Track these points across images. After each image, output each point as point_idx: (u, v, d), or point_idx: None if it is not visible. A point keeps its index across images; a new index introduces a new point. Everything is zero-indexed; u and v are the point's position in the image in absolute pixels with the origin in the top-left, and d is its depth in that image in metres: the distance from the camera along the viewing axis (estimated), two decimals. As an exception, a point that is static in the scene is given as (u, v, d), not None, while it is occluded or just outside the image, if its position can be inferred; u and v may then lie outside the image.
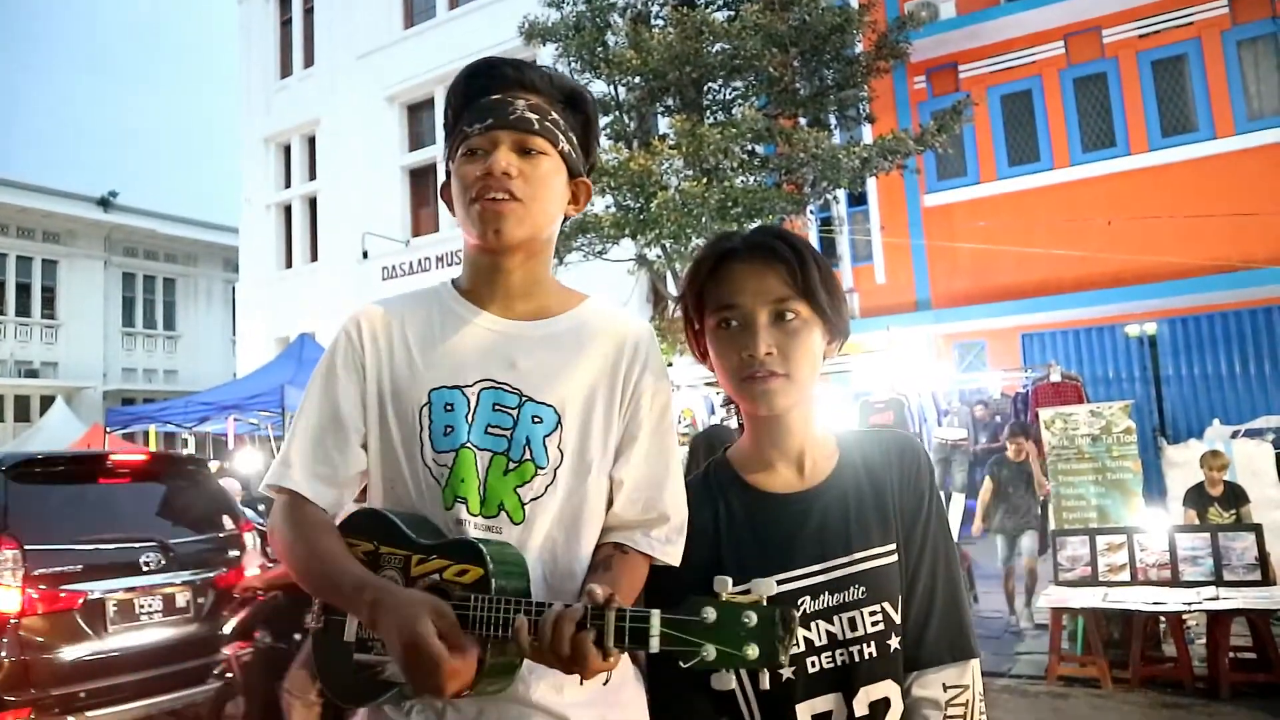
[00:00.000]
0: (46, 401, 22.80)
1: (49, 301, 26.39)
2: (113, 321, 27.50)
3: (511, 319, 1.38)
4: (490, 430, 1.31)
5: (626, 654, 1.20)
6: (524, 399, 1.32)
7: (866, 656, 1.23)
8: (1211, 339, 11.84)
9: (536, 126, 1.33)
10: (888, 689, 1.23)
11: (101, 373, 26.50)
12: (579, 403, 1.34)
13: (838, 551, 1.25)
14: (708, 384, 9.19)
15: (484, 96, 1.35)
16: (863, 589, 1.24)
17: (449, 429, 1.31)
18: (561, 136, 1.36)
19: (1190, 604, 5.59)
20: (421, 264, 17.52)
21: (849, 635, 1.23)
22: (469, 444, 1.30)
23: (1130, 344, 11.95)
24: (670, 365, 11.10)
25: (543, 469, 1.30)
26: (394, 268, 17.33)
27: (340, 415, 1.36)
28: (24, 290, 25.78)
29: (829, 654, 1.23)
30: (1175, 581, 5.93)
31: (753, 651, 0.99)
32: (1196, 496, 6.72)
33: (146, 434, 17.15)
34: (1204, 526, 6.35)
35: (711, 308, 1.29)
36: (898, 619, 1.24)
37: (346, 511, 1.37)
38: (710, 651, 1.00)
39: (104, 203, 27.31)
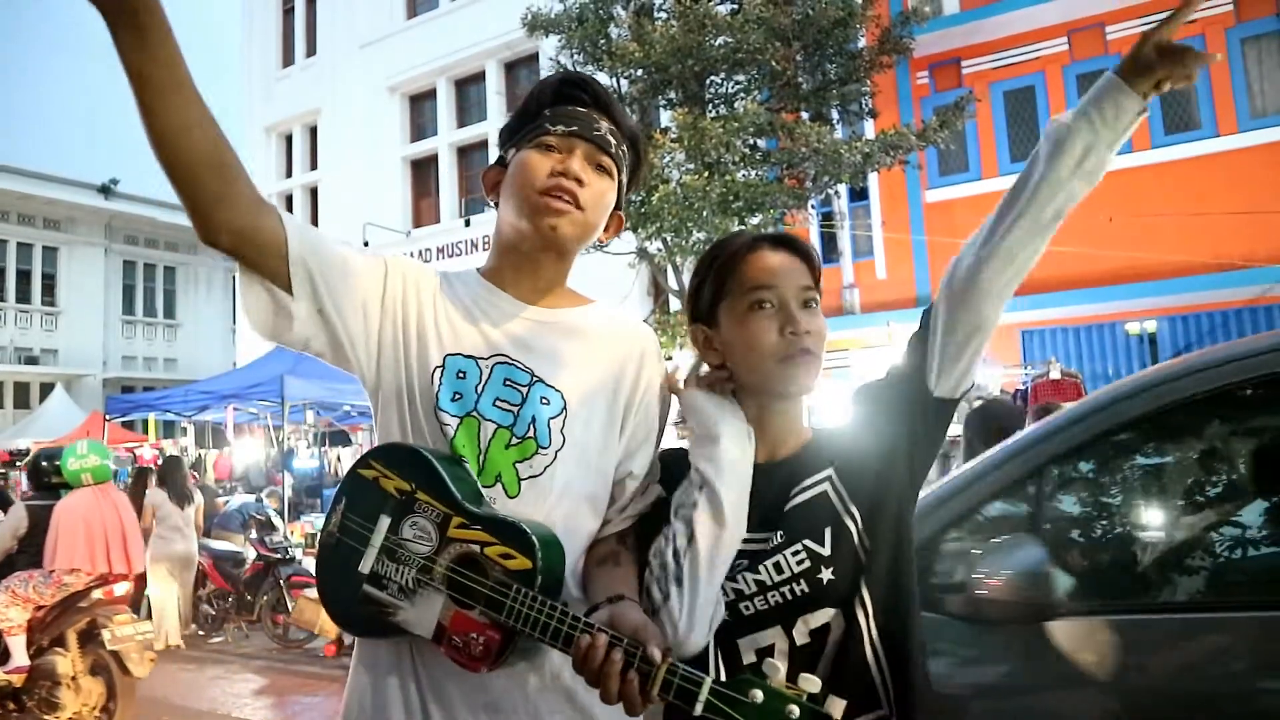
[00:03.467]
0: (46, 389, 22.83)
1: (49, 288, 26.39)
2: (113, 309, 27.51)
3: (531, 304, 1.44)
4: (498, 403, 1.35)
5: None
6: (535, 379, 1.37)
7: (798, 594, 1.27)
8: (1212, 337, 11.84)
9: (612, 149, 1.43)
10: (827, 615, 1.27)
11: (101, 360, 26.52)
12: (587, 393, 1.39)
13: (772, 524, 1.31)
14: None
15: (571, 105, 1.43)
16: (780, 533, 1.29)
17: (458, 395, 1.35)
18: (623, 167, 1.47)
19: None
20: (422, 254, 17.51)
21: (775, 579, 1.28)
22: (475, 412, 1.35)
23: (1131, 341, 11.96)
24: (669, 359, 11.12)
25: (544, 449, 1.34)
26: (394, 258, 17.32)
27: (355, 268, 1.36)
28: (24, 277, 25.78)
29: (760, 598, 1.28)
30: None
31: None
32: None
33: (146, 422, 17.20)
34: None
35: (743, 289, 1.34)
36: (825, 550, 1.27)
37: (388, 439, 1.39)
38: None
39: (105, 190, 27.29)
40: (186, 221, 1.28)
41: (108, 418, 13.44)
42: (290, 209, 19.76)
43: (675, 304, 11.16)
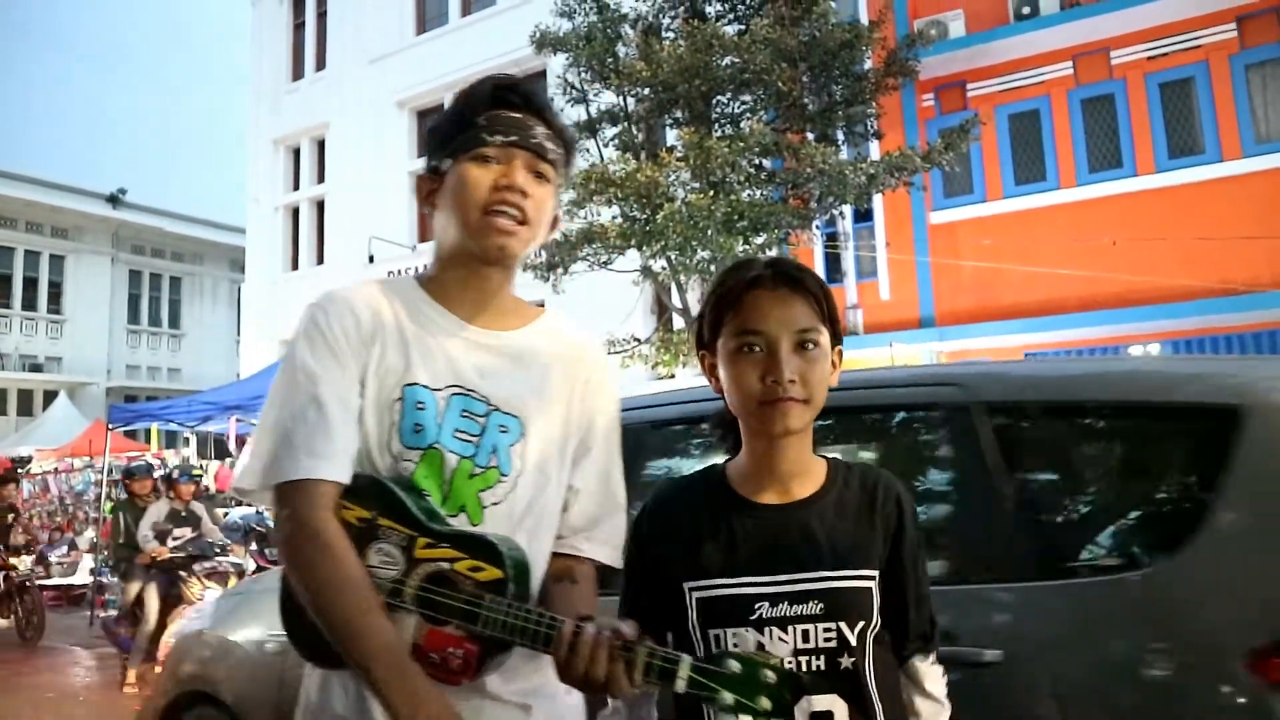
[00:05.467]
0: (50, 396, 22.87)
1: (55, 296, 26.48)
2: (118, 318, 27.59)
3: (481, 328, 1.42)
4: (458, 435, 1.36)
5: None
6: (491, 407, 1.38)
7: (814, 669, 1.28)
8: (1215, 362, 11.84)
9: (550, 155, 1.41)
10: (832, 702, 1.28)
11: (105, 369, 26.58)
12: (542, 416, 1.41)
13: (804, 566, 1.31)
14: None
15: (505, 111, 1.39)
16: (821, 605, 1.29)
17: (418, 427, 1.34)
18: (561, 169, 1.45)
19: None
20: (427, 269, 17.57)
21: (800, 646, 1.28)
22: (438, 444, 1.35)
23: (1133, 365, 11.94)
24: (672, 377, 11.12)
25: (506, 476, 1.37)
26: (399, 272, 17.36)
27: (343, 396, 1.32)
28: (31, 285, 25.88)
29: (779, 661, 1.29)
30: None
31: (765, 703, 1.11)
32: None
33: (148, 432, 17.21)
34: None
35: (735, 329, 1.34)
36: (854, 641, 1.29)
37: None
38: (728, 698, 1.12)
39: (113, 199, 27.42)
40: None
41: (110, 427, 13.45)
42: (297, 221, 19.85)
43: (679, 322, 11.18)
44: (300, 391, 1.30)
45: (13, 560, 9.81)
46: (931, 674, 1.38)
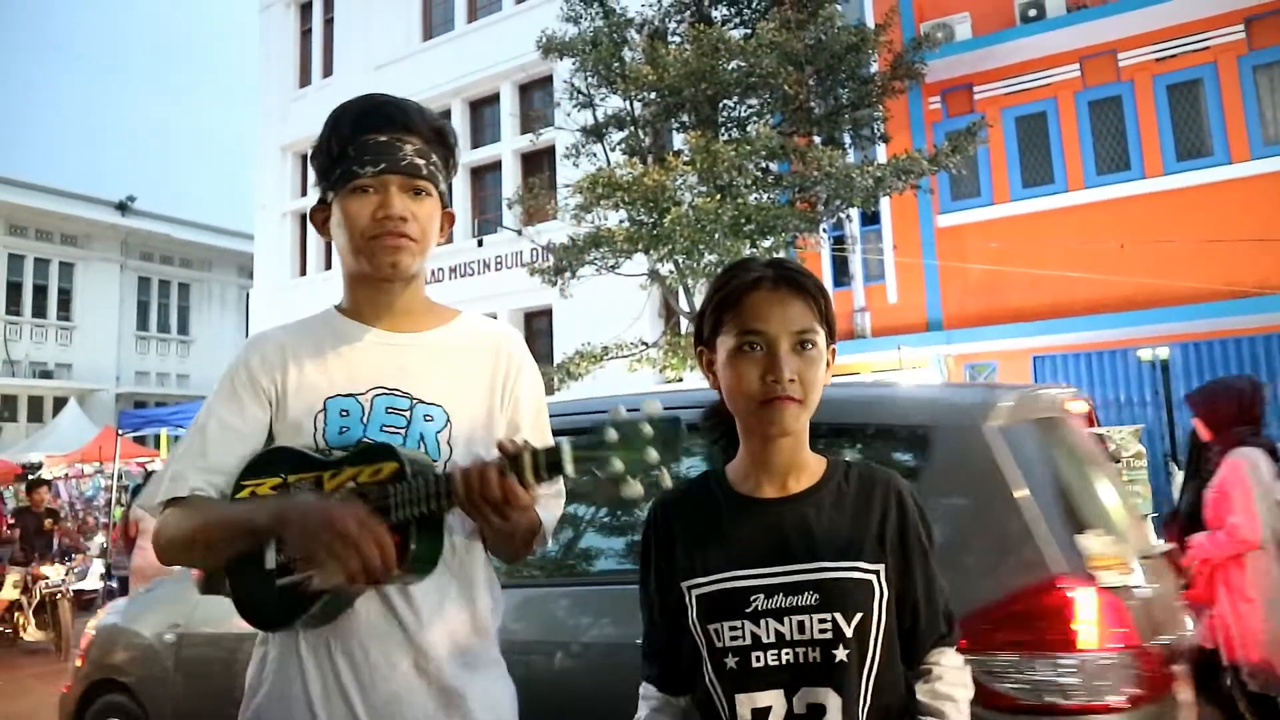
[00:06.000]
0: (60, 403, 22.95)
1: (65, 303, 26.59)
2: (127, 324, 27.69)
3: (396, 332, 1.53)
4: (386, 429, 1.45)
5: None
6: (414, 401, 1.47)
7: (810, 660, 1.29)
8: (1225, 364, 11.78)
9: (424, 171, 1.48)
10: (826, 695, 1.28)
11: (115, 375, 26.67)
12: (465, 402, 1.50)
13: (799, 557, 1.32)
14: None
15: (370, 136, 1.46)
16: (816, 596, 1.30)
17: (344, 429, 1.45)
18: (440, 176, 1.52)
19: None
20: (435, 274, 17.59)
21: (796, 637, 1.29)
22: (365, 439, 1.45)
23: (1143, 368, 11.91)
24: (680, 380, 11.11)
25: (435, 461, 1.43)
26: (407, 277, 17.40)
27: (239, 429, 1.48)
28: (40, 292, 26.00)
29: (774, 652, 1.30)
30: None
31: (653, 455, 1.17)
32: None
33: (158, 437, 17.27)
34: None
35: (734, 330, 1.36)
36: (849, 632, 1.29)
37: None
38: (617, 463, 1.17)
39: (122, 207, 27.54)
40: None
41: (120, 432, 13.51)
42: (304, 227, 19.91)
43: (686, 326, 11.18)
44: (195, 423, 1.50)
45: (44, 570, 9.50)
46: (950, 666, 1.39)
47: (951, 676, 1.38)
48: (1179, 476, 8.17)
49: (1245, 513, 3.70)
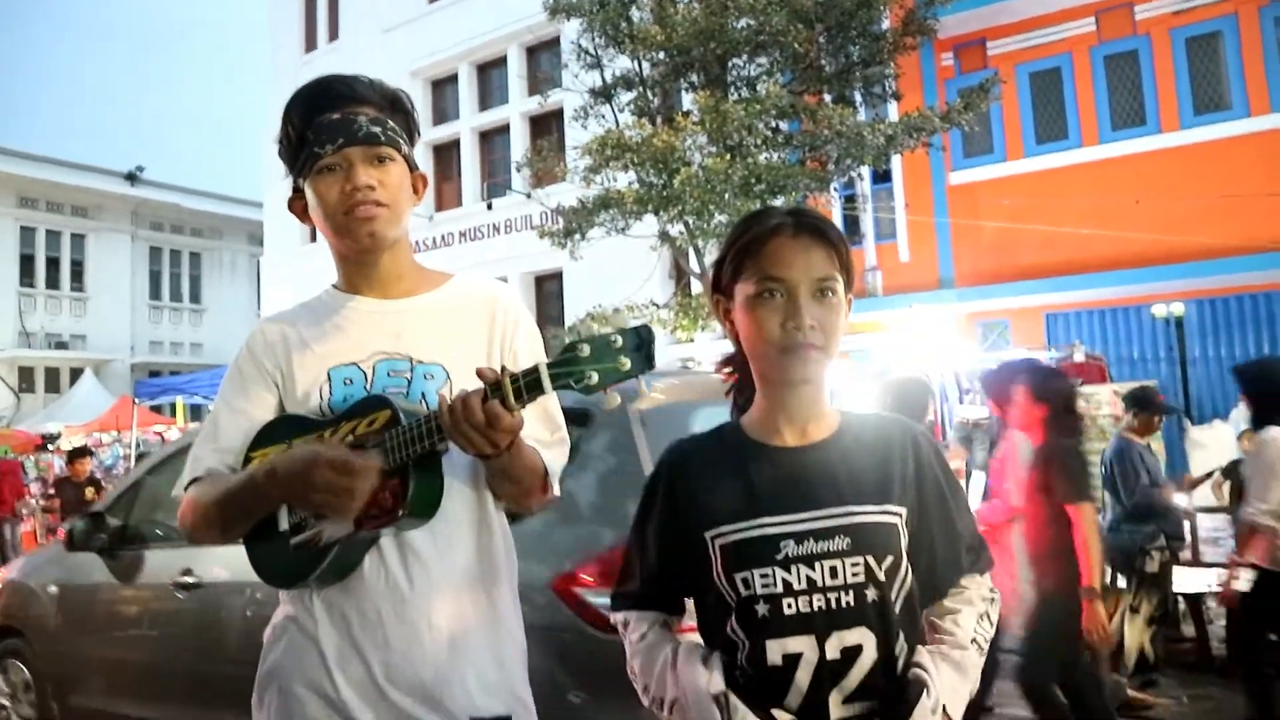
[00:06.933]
0: (76, 373, 23.13)
1: (77, 275, 26.69)
2: (140, 294, 27.79)
3: (392, 299, 1.58)
4: (388, 391, 1.49)
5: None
6: (414, 362, 1.52)
7: (843, 605, 1.29)
8: (1240, 320, 11.70)
9: (383, 138, 1.51)
10: (862, 635, 1.29)
11: (129, 345, 26.82)
12: (463, 359, 1.52)
13: (827, 502, 1.32)
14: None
15: (323, 116, 1.51)
16: (848, 540, 1.30)
17: (348, 398, 1.50)
18: (402, 140, 1.55)
19: (1210, 585, 5.56)
20: (445, 239, 17.57)
21: (828, 582, 1.29)
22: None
23: (1156, 324, 11.83)
24: (691, 341, 11.10)
25: (435, 413, 1.43)
26: (418, 243, 17.39)
27: (248, 411, 1.55)
28: (53, 264, 26.08)
29: (805, 598, 1.30)
30: (1195, 562, 5.89)
31: (626, 364, 1.21)
32: (1234, 470, 6.63)
33: (173, 405, 17.40)
34: (1226, 508, 6.30)
35: (754, 277, 1.35)
36: (881, 575, 1.30)
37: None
38: (593, 375, 1.21)
39: (131, 177, 27.52)
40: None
41: (136, 401, 13.62)
42: (314, 194, 19.84)
43: (697, 287, 11.14)
44: (210, 413, 1.60)
45: None
46: (975, 591, 1.43)
47: (965, 612, 1.41)
48: (1192, 432, 8.17)
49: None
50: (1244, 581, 3.81)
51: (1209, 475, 6.50)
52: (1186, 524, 5.95)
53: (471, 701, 1.47)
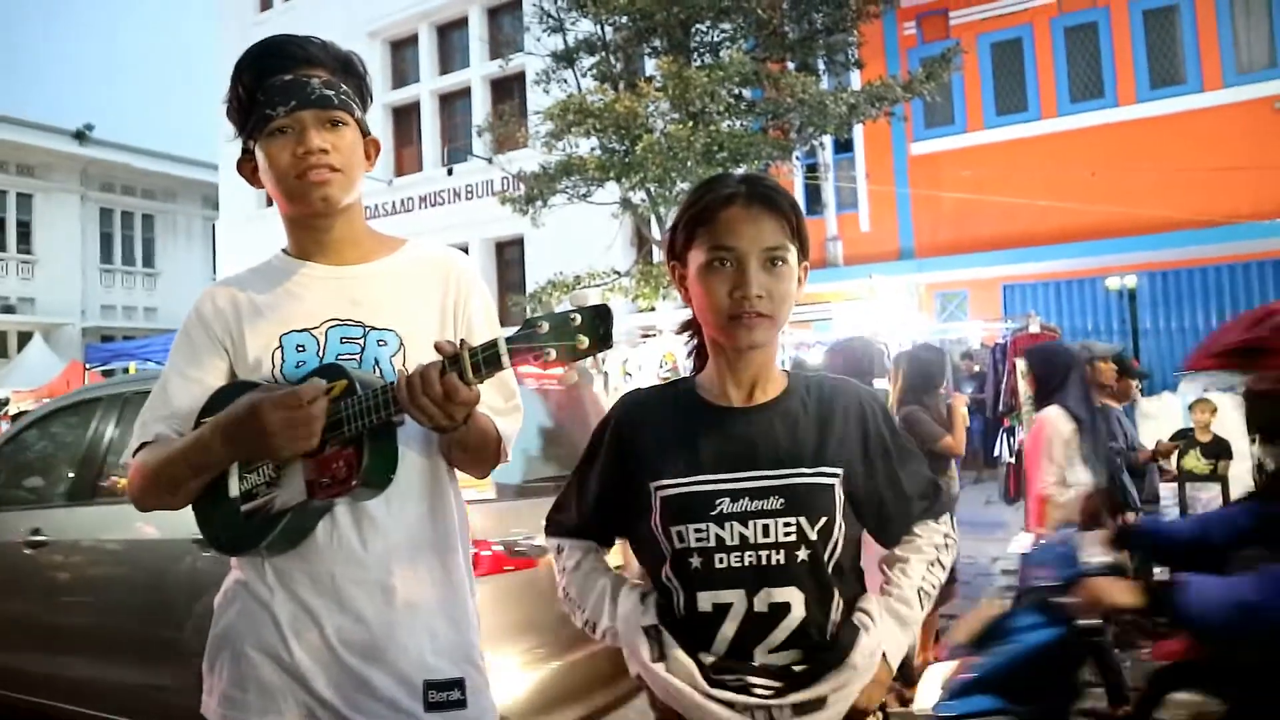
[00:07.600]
0: (24, 338, 22.60)
1: (25, 236, 25.97)
2: (90, 257, 27.14)
3: (344, 265, 1.56)
4: (341, 359, 1.48)
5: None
6: (367, 329, 1.51)
7: (773, 562, 1.34)
8: (1190, 293, 11.94)
9: (336, 101, 1.49)
10: (790, 594, 1.34)
11: (80, 309, 26.23)
12: (417, 325, 1.53)
13: (764, 464, 1.37)
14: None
15: (275, 77, 1.48)
16: (781, 500, 1.35)
17: (301, 364, 1.49)
18: (355, 104, 1.54)
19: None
20: (404, 204, 17.34)
21: (760, 540, 1.34)
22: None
23: (1110, 296, 12.03)
24: (652, 310, 11.10)
25: (391, 384, 1.41)
26: (376, 207, 17.16)
27: (198, 378, 1.53)
28: (-1, 224, 25.38)
29: (738, 554, 1.35)
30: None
31: (584, 342, 1.21)
32: (1182, 438, 6.79)
33: (126, 370, 17.08)
34: (1173, 476, 6.44)
35: (705, 245, 1.37)
36: (813, 535, 1.35)
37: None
38: (551, 353, 1.22)
39: (79, 135, 26.76)
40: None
41: (88, 367, 13.37)
42: (270, 156, 19.48)
43: (658, 254, 11.12)
44: (159, 379, 1.57)
45: None
46: (926, 539, 1.49)
47: (914, 561, 1.47)
48: (1142, 403, 8.32)
49: None
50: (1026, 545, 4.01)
51: (1179, 441, 6.64)
52: (1170, 488, 6.10)
53: (425, 664, 1.48)
